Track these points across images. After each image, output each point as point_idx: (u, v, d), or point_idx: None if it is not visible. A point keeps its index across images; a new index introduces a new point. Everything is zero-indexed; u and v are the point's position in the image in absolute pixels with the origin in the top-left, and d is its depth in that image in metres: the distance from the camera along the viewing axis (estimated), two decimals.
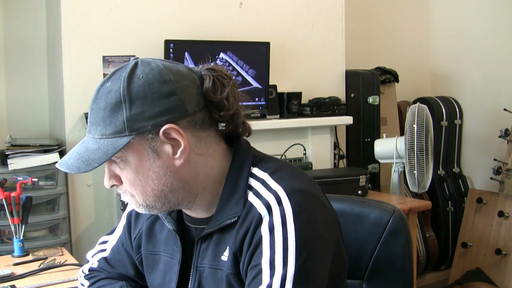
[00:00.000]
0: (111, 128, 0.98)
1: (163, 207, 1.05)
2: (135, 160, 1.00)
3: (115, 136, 0.98)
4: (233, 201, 1.03)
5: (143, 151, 1.00)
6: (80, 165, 0.99)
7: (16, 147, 2.46)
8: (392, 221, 1.27)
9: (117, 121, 0.98)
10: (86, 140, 1.02)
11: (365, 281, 1.29)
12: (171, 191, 1.03)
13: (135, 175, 1.01)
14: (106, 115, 0.98)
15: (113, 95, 0.98)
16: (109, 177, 1.05)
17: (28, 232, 2.33)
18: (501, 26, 3.72)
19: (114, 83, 0.99)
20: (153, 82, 0.99)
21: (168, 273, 1.13)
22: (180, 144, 1.00)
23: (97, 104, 1.00)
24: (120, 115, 0.97)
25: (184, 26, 2.83)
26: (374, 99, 3.42)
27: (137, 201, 1.05)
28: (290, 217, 0.97)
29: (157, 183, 1.01)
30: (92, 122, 1.01)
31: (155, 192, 1.02)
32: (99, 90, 1.01)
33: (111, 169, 1.04)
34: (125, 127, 0.98)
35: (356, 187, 2.81)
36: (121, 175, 1.03)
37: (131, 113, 0.97)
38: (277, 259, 0.95)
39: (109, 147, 0.98)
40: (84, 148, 1.00)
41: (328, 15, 3.29)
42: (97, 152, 0.98)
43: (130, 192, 1.04)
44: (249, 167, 1.06)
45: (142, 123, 0.98)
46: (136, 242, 1.21)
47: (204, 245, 1.08)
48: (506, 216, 3.38)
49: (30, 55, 2.80)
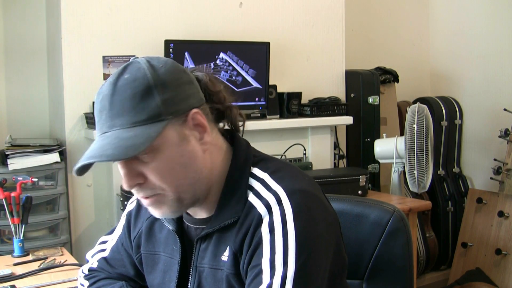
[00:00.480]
0: (144, 115, 0.95)
1: (190, 200, 1.03)
2: (167, 147, 0.97)
3: (149, 122, 0.95)
4: (233, 201, 1.03)
5: (175, 137, 0.98)
6: (126, 151, 0.92)
7: (16, 147, 2.46)
8: (392, 221, 1.27)
9: (150, 106, 0.96)
10: (112, 134, 0.96)
11: (365, 281, 1.29)
12: (199, 179, 1.02)
13: (167, 163, 0.98)
14: (135, 103, 0.95)
15: (141, 83, 0.96)
16: (132, 176, 0.98)
17: (28, 232, 2.33)
18: (501, 26, 3.72)
19: (135, 73, 0.98)
20: (174, 71, 1.01)
21: (168, 273, 1.13)
22: (205, 129, 1.01)
23: (120, 95, 0.96)
24: (153, 100, 0.96)
25: (184, 26, 2.83)
26: (374, 99, 3.41)
27: (167, 196, 1.00)
28: (290, 217, 0.97)
29: (189, 169, 1.00)
30: (115, 114, 0.96)
31: (187, 180, 1.00)
32: (116, 83, 0.97)
33: (133, 168, 0.98)
34: (160, 112, 0.96)
35: (356, 187, 2.81)
36: (148, 170, 0.98)
37: (164, 97, 0.97)
38: (277, 259, 0.95)
39: (149, 131, 0.94)
40: (118, 138, 0.94)
41: (328, 15, 3.29)
42: (137, 137, 0.94)
43: (160, 186, 0.99)
44: (249, 167, 1.06)
45: (175, 107, 0.98)
46: (136, 241, 1.21)
47: (203, 245, 1.07)
48: (506, 216, 3.38)
49: (30, 55, 2.80)
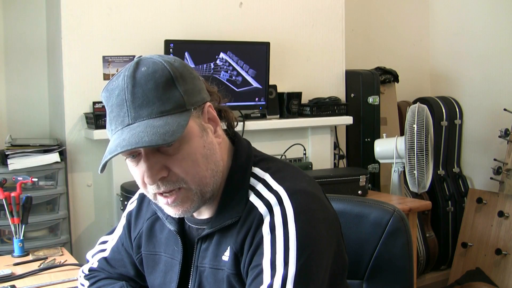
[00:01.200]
0: (170, 104, 0.96)
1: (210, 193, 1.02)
2: (191, 138, 0.98)
3: (176, 111, 0.96)
4: (234, 201, 1.03)
5: (196, 127, 0.99)
6: (164, 137, 0.91)
7: (16, 147, 2.46)
8: (392, 221, 1.28)
9: (174, 97, 0.96)
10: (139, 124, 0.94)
11: (365, 281, 1.29)
12: (217, 172, 1.03)
13: (191, 155, 0.98)
14: (160, 94, 0.95)
15: (162, 74, 0.96)
16: (156, 170, 0.97)
17: (28, 232, 2.33)
18: (501, 26, 3.72)
19: (152, 66, 0.97)
20: (185, 66, 1.02)
21: (169, 274, 1.13)
22: (217, 123, 1.04)
23: (142, 87, 0.95)
24: (176, 91, 0.97)
25: (184, 26, 2.83)
26: (374, 99, 3.41)
27: (190, 190, 0.99)
28: (291, 218, 0.97)
29: (210, 161, 1.01)
30: (140, 105, 0.95)
31: (209, 171, 1.01)
32: (134, 76, 0.96)
33: (155, 161, 0.96)
34: (184, 101, 0.97)
35: (356, 187, 2.81)
36: (171, 162, 0.97)
37: (186, 87, 0.98)
38: (278, 259, 0.95)
39: (179, 120, 0.95)
40: (150, 127, 0.93)
41: (328, 15, 3.29)
42: (169, 125, 0.93)
43: (184, 179, 0.98)
44: (251, 167, 1.07)
45: (195, 98, 1.00)
46: (136, 242, 1.21)
47: (204, 245, 1.08)
48: (506, 216, 3.38)
49: (30, 55, 2.80)
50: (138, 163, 0.99)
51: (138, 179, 1.01)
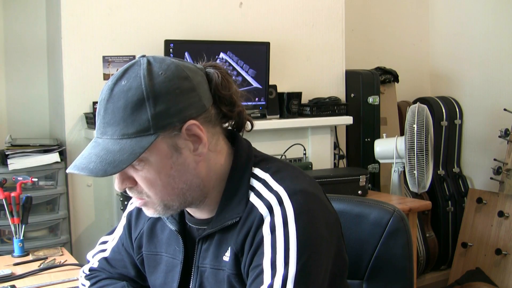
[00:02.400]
0: (134, 127, 0.95)
1: (179, 207, 1.04)
2: (158, 159, 0.97)
3: (139, 135, 0.95)
4: (234, 202, 1.03)
5: (166, 149, 0.98)
6: (106, 167, 0.94)
7: (16, 147, 2.46)
8: (392, 221, 1.27)
9: (140, 120, 0.95)
10: (102, 142, 0.97)
11: (365, 281, 1.29)
12: (189, 189, 1.02)
13: (156, 174, 0.98)
14: (127, 114, 0.95)
15: (134, 93, 0.95)
16: (122, 180, 1.00)
17: (28, 232, 2.33)
18: (501, 26, 3.72)
19: (131, 81, 0.96)
20: (173, 79, 0.98)
21: (170, 274, 1.13)
22: (201, 140, 1.00)
23: (114, 104, 0.95)
24: (144, 113, 0.95)
25: (184, 26, 2.83)
26: (374, 99, 3.41)
27: (153, 203, 1.02)
28: (292, 218, 0.97)
29: (178, 181, 1.00)
30: (107, 122, 0.96)
31: (175, 190, 1.01)
32: (112, 89, 0.96)
33: (125, 171, 0.99)
34: (150, 125, 0.95)
35: (356, 187, 2.81)
36: (137, 176, 0.99)
37: (156, 110, 0.95)
38: (278, 260, 0.95)
39: (135, 147, 0.94)
40: (104, 150, 0.95)
41: (328, 15, 3.29)
42: (122, 152, 0.94)
43: (147, 193, 1.01)
44: (251, 167, 1.06)
45: (167, 120, 0.96)
46: (137, 242, 1.21)
47: (205, 245, 1.07)
48: (506, 216, 3.38)
49: (30, 55, 2.80)
50: None
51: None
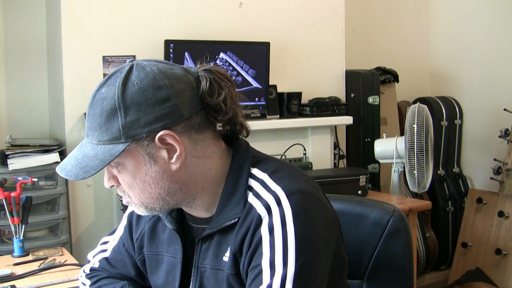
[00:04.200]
0: (107, 135, 0.99)
1: (162, 208, 1.06)
2: (132, 165, 1.01)
3: (111, 142, 0.99)
4: (233, 202, 1.03)
5: (139, 156, 1.00)
6: (78, 172, 1.00)
7: (16, 147, 2.46)
8: (392, 221, 1.27)
9: (113, 128, 0.98)
10: (85, 144, 1.03)
11: (365, 281, 1.29)
12: (169, 194, 1.04)
13: (132, 179, 1.03)
14: (102, 122, 0.99)
15: (108, 102, 0.98)
16: (108, 178, 1.06)
17: (28, 232, 2.33)
18: (501, 26, 3.72)
19: (109, 89, 0.99)
20: (147, 89, 0.98)
21: (172, 273, 1.13)
22: (176, 149, 1.00)
23: (93, 110, 1.01)
24: (116, 123, 0.98)
25: (184, 26, 2.83)
26: (374, 99, 3.41)
27: (135, 203, 1.07)
28: (290, 218, 0.97)
29: (153, 186, 1.02)
30: (89, 127, 1.02)
31: (152, 195, 1.03)
32: (95, 96, 1.01)
33: (110, 171, 1.05)
34: (121, 134, 0.98)
35: (356, 187, 2.81)
36: (119, 178, 1.05)
37: (126, 120, 0.98)
38: (277, 259, 0.95)
39: (106, 154, 0.99)
40: (82, 154, 1.02)
41: (328, 15, 3.29)
42: (94, 158, 0.99)
43: (128, 194, 1.06)
44: (249, 167, 1.06)
45: (137, 130, 0.98)
46: (139, 242, 1.21)
47: (204, 246, 1.08)
48: (506, 216, 3.38)
49: (30, 55, 2.80)
50: None
51: None
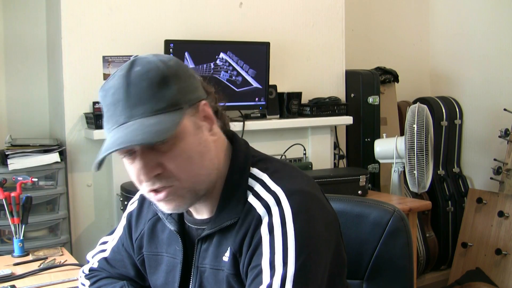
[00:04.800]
0: (163, 103, 0.96)
1: (203, 191, 1.03)
2: (185, 135, 0.98)
3: (169, 110, 0.96)
4: (233, 202, 1.04)
5: (190, 125, 1.00)
6: (157, 135, 0.92)
7: (16, 147, 2.46)
8: (392, 221, 1.27)
9: (168, 95, 0.97)
10: (132, 123, 0.95)
11: (365, 281, 1.29)
12: (212, 170, 1.03)
13: (185, 152, 0.98)
14: (153, 92, 0.96)
15: (155, 73, 0.97)
16: (151, 167, 0.97)
17: (28, 232, 2.33)
18: (501, 26, 3.72)
19: (146, 65, 0.98)
20: (181, 64, 1.03)
21: (171, 273, 1.13)
22: (213, 120, 1.03)
23: (137, 86, 0.96)
24: (169, 89, 0.97)
25: (184, 26, 2.83)
26: (374, 99, 3.41)
27: (182, 188, 1.00)
28: (290, 218, 0.97)
29: (204, 159, 1.01)
30: (133, 104, 0.96)
31: (203, 170, 1.01)
32: (128, 76, 0.97)
33: (150, 158, 0.97)
34: (178, 100, 0.98)
35: (356, 187, 2.81)
36: (165, 159, 0.97)
37: (180, 85, 0.99)
38: (277, 259, 0.95)
39: (172, 118, 0.96)
40: (143, 125, 0.94)
41: (328, 15, 3.29)
42: (162, 123, 0.94)
43: (177, 176, 0.98)
44: (249, 167, 1.07)
45: (189, 96, 1.00)
46: (138, 243, 1.21)
47: (204, 246, 1.08)
48: (506, 216, 3.38)
49: (30, 55, 2.80)
50: (134, 161, 0.99)
51: (134, 177, 1.01)
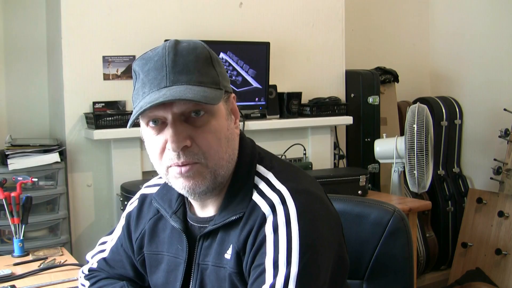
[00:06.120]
0: (208, 78, 0.99)
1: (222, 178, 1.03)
2: (219, 116, 1.01)
3: (213, 86, 0.99)
4: (238, 199, 1.04)
5: (224, 110, 1.03)
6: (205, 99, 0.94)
7: (16, 147, 2.46)
8: (392, 221, 1.27)
9: (212, 74, 1.00)
10: (177, 87, 0.95)
11: (365, 281, 1.29)
12: (232, 159, 1.05)
13: (216, 132, 1.00)
14: (200, 66, 0.98)
15: (201, 51, 1.00)
16: (182, 137, 0.97)
17: (28, 232, 2.33)
18: (501, 26, 3.72)
19: (192, 44, 1.01)
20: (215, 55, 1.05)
21: (173, 273, 1.13)
22: (237, 115, 1.06)
23: (184, 57, 0.98)
24: (213, 70, 1.01)
25: (184, 26, 2.83)
26: (374, 99, 3.41)
27: (204, 168, 1.00)
28: (294, 217, 0.97)
29: (229, 145, 1.03)
30: (180, 71, 0.96)
31: (226, 155, 1.02)
32: (176, 48, 0.98)
33: (182, 129, 0.97)
34: (219, 81, 1.00)
35: (356, 187, 2.81)
36: (196, 134, 0.98)
37: (220, 70, 1.02)
38: (280, 259, 0.95)
39: (215, 92, 0.98)
40: (190, 89, 0.95)
41: (328, 15, 3.29)
42: (208, 92, 0.96)
43: (204, 154, 0.99)
44: (255, 165, 1.07)
45: (225, 83, 1.03)
46: (138, 243, 1.20)
47: (206, 243, 1.07)
48: (506, 216, 3.38)
49: (30, 55, 2.80)
50: (160, 132, 0.99)
51: (157, 149, 1.00)
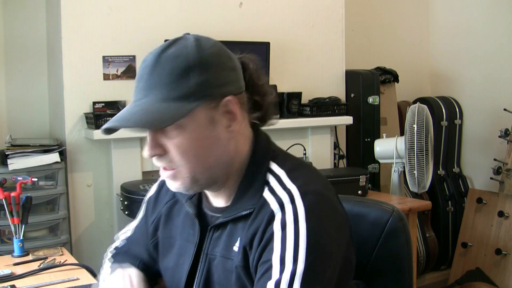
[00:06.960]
0: (177, 93, 0.97)
1: (205, 182, 1.05)
2: (194, 127, 0.99)
3: (180, 101, 0.97)
4: (249, 194, 1.05)
5: (203, 119, 1.00)
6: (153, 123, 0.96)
7: (16, 147, 2.46)
8: (391, 221, 1.27)
9: (185, 86, 0.98)
10: (143, 102, 0.98)
11: (365, 281, 1.29)
12: (218, 164, 1.04)
13: (190, 143, 1.00)
14: (172, 79, 0.98)
15: (183, 60, 0.99)
16: (154, 146, 1.01)
17: (28, 232, 2.33)
18: (501, 26, 3.72)
19: (180, 49, 1.00)
20: (221, 54, 1.04)
21: (183, 257, 1.14)
22: (235, 118, 1.03)
23: (160, 69, 0.98)
24: (189, 81, 0.98)
25: (184, 26, 2.82)
26: (374, 99, 3.42)
27: (182, 173, 1.02)
28: (302, 216, 0.98)
29: (209, 153, 1.02)
30: (151, 85, 0.99)
31: (205, 164, 1.02)
32: (160, 55, 0.99)
33: (157, 138, 1.01)
34: (194, 92, 0.98)
35: (356, 187, 2.81)
36: (170, 144, 1.00)
37: (202, 78, 0.99)
38: (287, 256, 0.96)
39: (175, 111, 0.96)
40: (148, 109, 0.97)
41: (328, 15, 3.29)
42: (165, 113, 0.96)
43: (177, 163, 1.01)
44: (268, 162, 1.08)
45: (209, 91, 0.99)
46: (154, 225, 1.23)
47: (216, 234, 1.09)
48: (506, 216, 3.38)
49: (30, 55, 2.80)
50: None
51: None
